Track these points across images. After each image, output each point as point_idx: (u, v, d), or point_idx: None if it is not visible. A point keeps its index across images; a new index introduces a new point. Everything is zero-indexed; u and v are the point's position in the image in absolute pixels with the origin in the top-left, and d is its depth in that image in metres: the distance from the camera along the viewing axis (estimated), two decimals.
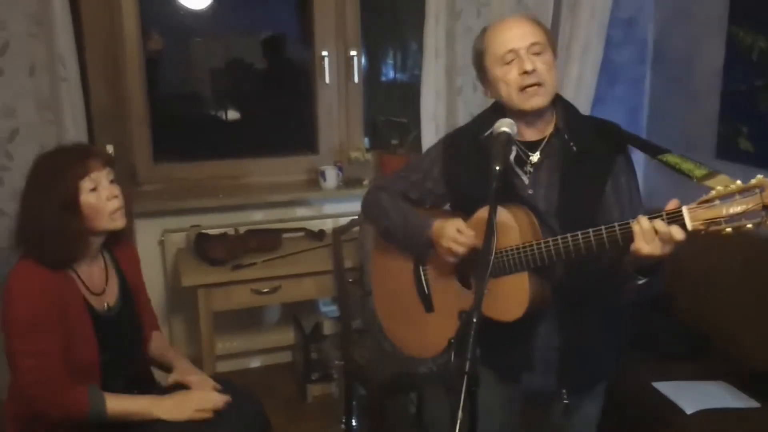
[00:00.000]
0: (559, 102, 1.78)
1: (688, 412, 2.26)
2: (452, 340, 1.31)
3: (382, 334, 2.09)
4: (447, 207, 1.94)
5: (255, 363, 3.39)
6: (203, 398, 1.91)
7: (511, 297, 1.67)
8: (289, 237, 3.05)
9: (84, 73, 2.80)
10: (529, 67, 1.65)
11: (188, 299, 2.91)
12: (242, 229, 2.99)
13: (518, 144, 1.71)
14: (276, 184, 3.26)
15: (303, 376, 3.13)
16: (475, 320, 1.26)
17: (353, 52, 3.29)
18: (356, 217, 2.80)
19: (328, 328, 3.12)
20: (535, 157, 1.73)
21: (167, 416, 1.83)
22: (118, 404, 1.81)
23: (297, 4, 3.50)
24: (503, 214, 1.66)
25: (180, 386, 1.98)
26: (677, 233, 1.41)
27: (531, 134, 1.75)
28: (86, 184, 1.80)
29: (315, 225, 3.16)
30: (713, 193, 1.37)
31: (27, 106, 2.61)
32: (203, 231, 2.91)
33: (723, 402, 2.32)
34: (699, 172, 1.49)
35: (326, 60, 3.26)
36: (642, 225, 1.44)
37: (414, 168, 1.95)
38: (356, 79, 3.33)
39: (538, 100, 1.68)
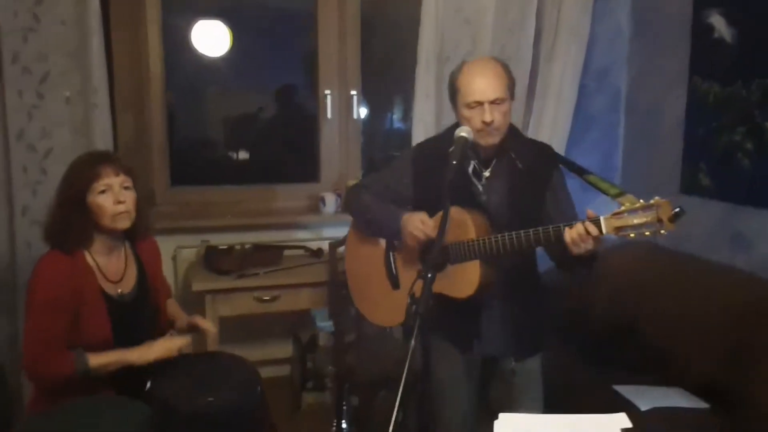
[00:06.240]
0: (508, 129, 2.15)
1: (643, 409, 2.49)
2: (413, 294, 1.62)
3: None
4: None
5: None
6: (165, 344, 2.17)
7: (465, 279, 2.06)
8: (289, 254, 3.35)
9: (112, 105, 3.16)
10: (488, 119, 2.04)
11: (197, 309, 3.17)
12: (247, 245, 3.29)
13: (475, 161, 2.13)
14: (280, 209, 3.59)
15: (299, 384, 3.37)
16: (429, 275, 1.57)
17: (353, 92, 3.67)
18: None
19: (323, 339, 3.38)
20: (487, 173, 2.15)
21: (138, 360, 2.09)
22: (98, 359, 2.06)
23: (302, 58, 3.92)
24: (462, 214, 2.06)
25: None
26: (594, 231, 1.81)
27: (485, 153, 2.14)
28: (97, 187, 2.11)
29: (314, 245, 3.46)
30: (623, 207, 1.77)
31: (62, 129, 2.94)
32: (212, 245, 3.21)
33: (676, 402, 2.56)
34: (613, 191, 1.87)
35: (329, 98, 3.64)
36: (572, 232, 1.84)
37: (388, 173, 2.35)
38: (355, 116, 3.70)
39: (490, 140, 2.09)
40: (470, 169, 2.12)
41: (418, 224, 2.09)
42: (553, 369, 2.34)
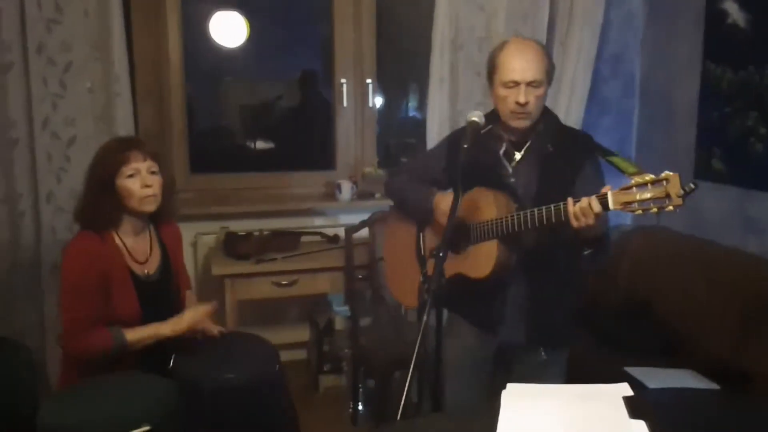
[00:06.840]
0: (544, 112, 2.16)
1: (651, 387, 2.53)
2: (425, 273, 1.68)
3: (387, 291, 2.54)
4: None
5: None
6: (192, 312, 2.26)
7: (482, 259, 2.07)
8: (306, 240, 3.42)
9: (133, 95, 3.23)
10: (522, 100, 2.03)
11: (216, 295, 3.25)
12: (266, 231, 3.36)
13: (507, 143, 2.14)
14: (297, 196, 3.66)
15: (316, 367, 3.45)
16: (441, 254, 1.62)
17: (369, 80, 3.72)
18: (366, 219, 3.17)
19: (339, 323, 3.45)
20: (518, 156, 2.15)
21: (171, 332, 2.19)
22: (134, 334, 2.16)
23: (320, 48, 3.97)
24: (488, 195, 2.09)
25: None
26: (596, 207, 1.79)
27: (518, 136, 2.15)
28: (125, 171, 2.19)
29: (330, 232, 3.52)
30: (632, 182, 1.73)
31: (85, 118, 3.02)
32: (231, 231, 3.29)
33: (687, 384, 2.59)
34: (631, 169, 1.85)
35: (345, 86, 3.69)
36: (574, 206, 1.83)
37: (425, 159, 2.45)
38: (370, 104, 3.75)
39: (522, 123, 2.09)
40: (501, 151, 2.14)
41: (447, 210, 2.10)
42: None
